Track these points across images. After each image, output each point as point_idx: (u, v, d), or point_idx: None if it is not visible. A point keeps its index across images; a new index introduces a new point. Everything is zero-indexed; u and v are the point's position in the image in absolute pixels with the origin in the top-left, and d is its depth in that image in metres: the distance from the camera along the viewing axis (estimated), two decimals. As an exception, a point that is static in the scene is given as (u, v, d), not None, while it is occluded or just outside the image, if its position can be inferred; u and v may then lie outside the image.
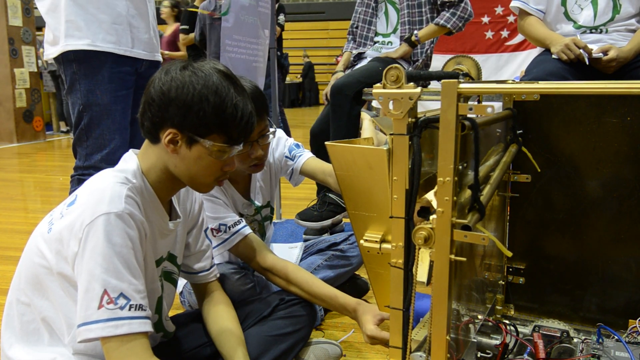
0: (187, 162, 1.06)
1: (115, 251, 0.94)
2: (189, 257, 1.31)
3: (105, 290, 0.92)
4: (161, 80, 1.05)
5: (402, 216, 0.88)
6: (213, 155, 1.06)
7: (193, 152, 1.05)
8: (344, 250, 1.89)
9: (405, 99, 0.84)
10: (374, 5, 2.71)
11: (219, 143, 1.05)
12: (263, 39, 2.81)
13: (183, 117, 1.02)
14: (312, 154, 1.79)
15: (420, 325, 1.25)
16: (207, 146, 1.04)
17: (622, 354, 1.15)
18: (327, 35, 13.87)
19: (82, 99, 1.79)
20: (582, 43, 2.10)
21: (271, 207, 1.82)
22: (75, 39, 1.75)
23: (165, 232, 1.14)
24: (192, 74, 1.04)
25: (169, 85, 1.03)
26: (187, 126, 1.03)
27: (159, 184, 1.10)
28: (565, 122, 1.32)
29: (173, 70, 1.05)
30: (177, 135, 1.04)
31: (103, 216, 0.95)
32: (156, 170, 1.10)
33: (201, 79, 1.03)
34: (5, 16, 6.82)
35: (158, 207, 1.10)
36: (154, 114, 1.04)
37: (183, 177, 1.09)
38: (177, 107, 1.02)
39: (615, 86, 0.81)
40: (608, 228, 1.32)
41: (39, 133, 7.51)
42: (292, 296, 1.42)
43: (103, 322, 0.91)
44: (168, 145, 1.04)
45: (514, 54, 4.91)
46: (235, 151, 1.10)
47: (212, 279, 1.35)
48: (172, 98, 1.02)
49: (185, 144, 1.05)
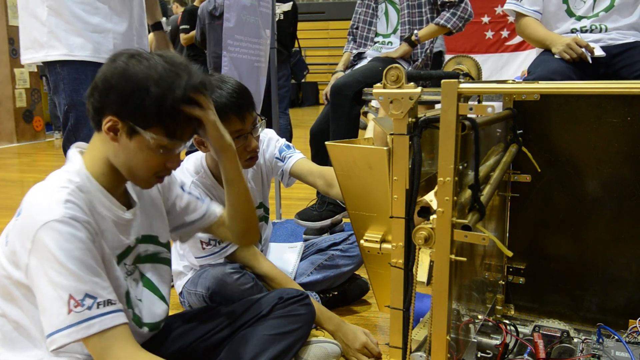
0: (127, 152, 1.04)
1: (69, 256, 0.94)
2: (177, 216, 1.31)
3: (70, 295, 0.92)
4: (107, 66, 1.03)
5: (402, 216, 0.89)
6: (153, 149, 1.03)
7: (133, 143, 1.03)
8: (344, 250, 1.89)
9: (406, 99, 0.84)
10: (374, 5, 2.71)
11: (160, 137, 1.02)
12: (264, 39, 2.81)
13: (122, 106, 1.00)
14: (302, 155, 1.78)
15: (420, 325, 1.25)
16: (147, 138, 1.01)
17: (622, 354, 1.15)
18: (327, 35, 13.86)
19: (67, 99, 1.79)
20: (584, 42, 2.10)
21: (265, 208, 1.82)
22: (54, 49, 1.77)
23: (123, 223, 1.13)
24: (137, 62, 1.01)
25: (113, 72, 1.01)
26: (127, 115, 1.01)
27: (104, 176, 1.09)
28: (565, 122, 1.32)
29: (120, 58, 1.03)
30: (117, 123, 1.02)
31: (46, 225, 0.94)
32: (100, 162, 1.08)
33: (145, 68, 1.00)
34: (5, 16, 6.82)
35: (109, 200, 1.09)
36: (96, 99, 1.03)
37: (122, 169, 1.07)
38: (117, 94, 1.00)
39: (615, 86, 0.81)
40: (608, 228, 1.32)
41: (39, 133, 7.52)
42: (291, 295, 1.42)
43: (75, 325, 0.92)
44: (108, 132, 1.03)
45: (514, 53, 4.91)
46: (180, 148, 1.07)
47: (212, 220, 1.34)
48: (113, 85, 1.00)
49: (125, 133, 1.02)
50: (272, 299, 1.40)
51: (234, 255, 1.59)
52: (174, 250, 1.70)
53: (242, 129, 1.48)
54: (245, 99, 1.48)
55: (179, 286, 1.70)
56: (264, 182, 1.80)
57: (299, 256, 1.94)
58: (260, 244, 1.84)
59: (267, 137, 1.78)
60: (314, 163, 1.79)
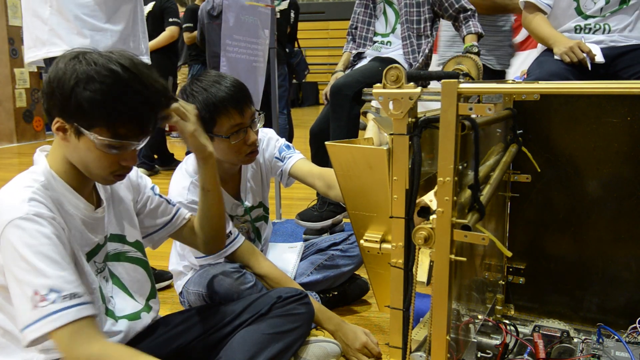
0: (79, 152, 1.05)
1: (33, 251, 0.94)
2: (146, 217, 1.32)
3: (34, 291, 0.93)
4: (52, 68, 1.03)
5: (402, 216, 0.88)
6: (102, 149, 1.03)
7: (82, 143, 1.03)
8: (344, 250, 1.89)
9: (405, 99, 0.84)
10: (372, 5, 2.71)
11: (105, 137, 1.02)
12: (263, 39, 2.81)
13: (64, 107, 1.01)
14: (302, 155, 1.78)
15: (420, 325, 1.25)
16: (92, 139, 1.02)
17: (622, 354, 1.15)
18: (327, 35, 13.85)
19: None
20: (587, 48, 2.10)
21: (265, 207, 1.82)
22: (55, 46, 1.81)
23: (91, 221, 1.13)
24: (77, 63, 1.01)
25: (55, 74, 1.01)
26: (69, 116, 1.01)
27: (68, 175, 1.09)
28: (565, 122, 1.32)
29: (62, 59, 1.03)
30: (63, 124, 1.03)
31: (10, 224, 0.95)
32: (62, 161, 1.09)
33: (84, 70, 1.00)
34: (5, 16, 6.82)
35: (76, 198, 1.10)
36: (45, 101, 1.04)
37: (79, 167, 1.08)
38: (58, 96, 1.01)
39: (615, 86, 0.81)
40: (608, 228, 1.32)
41: (39, 133, 7.51)
42: (290, 294, 1.42)
43: (40, 320, 0.93)
44: (57, 133, 1.04)
45: (514, 53, 4.90)
46: (132, 147, 1.06)
47: (181, 223, 1.36)
48: (54, 87, 1.01)
49: (73, 134, 1.03)
50: (271, 298, 1.39)
51: (233, 255, 1.59)
52: (174, 250, 1.70)
53: (242, 122, 1.49)
54: (243, 93, 1.50)
55: (178, 286, 1.70)
56: (263, 181, 1.80)
57: (299, 256, 1.94)
58: (260, 243, 1.84)
59: (267, 137, 1.78)
60: (313, 164, 1.78)
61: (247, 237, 1.70)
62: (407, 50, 2.60)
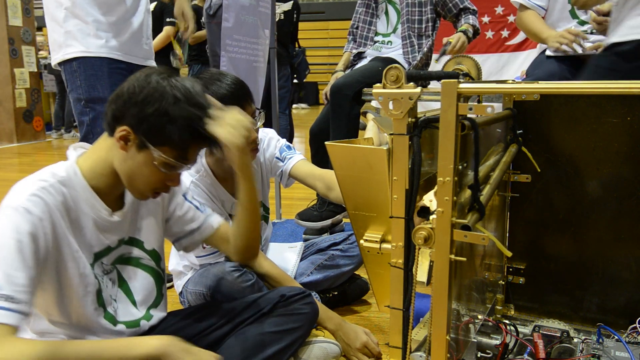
0: (132, 163, 1.07)
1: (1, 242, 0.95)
2: (175, 224, 1.32)
3: None
4: (138, 79, 1.05)
5: (402, 216, 0.88)
6: (159, 167, 1.06)
7: (140, 156, 1.06)
8: (344, 250, 1.89)
9: (405, 99, 0.84)
10: (374, 5, 2.72)
11: (169, 157, 1.05)
12: (263, 39, 2.81)
13: (140, 121, 1.03)
14: (303, 156, 1.78)
15: (420, 325, 1.25)
16: (155, 155, 1.05)
17: (622, 354, 1.15)
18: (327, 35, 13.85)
19: (85, 94, 1.85)
20: (576, 31, 2.11)
21: (265, 207, 1.82)
22: (71, 47, 1.84)
23: (104, 224, 1.14)
24: (169, 86, 1.04)
25: (142, 87, 1.04)
26: (142, 130, 1.04)
27: (101, 177, 1.10)
28: (565, 122, 1.32)
29: (154, 75, 1.06)
30: (130, 134, 1.05)
31: (2, 207, 0.98)
32: (102, 163, 1.10)
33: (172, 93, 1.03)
34: (5, 16, 6.82)
35: (92, 198, 1.10)
36: (118, 107, 1.05)
37: (123, 177, 1.10)
38: (139, 110, 1.03)
39: (615, 86, 0.81)
40: (608, 228, 1.32)
41: (39, 133, 7.51)
42: (293, 293, 1.42)
43: None
44: (119, 140, 1.05)
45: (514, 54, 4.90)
46: (183, 169, 1.10)
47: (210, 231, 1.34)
48: (138, 101, 1.03)
49: (136, 145, 1.05)
50: (274, 296, 1.39)
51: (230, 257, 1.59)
52: (174, 250, 1.70)
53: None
54: (244, 90, 1.51)
55: (178, 286, 1.70)
56: (263, 181, 1.80)
57: (299, 256, 1.94)
58: (260, 244, 1.84)
59: (268, 137, 1.78)
60: (314, 165, 1.78)
61: (247, 237, 1.70)
62: (407, 49, 2.61)
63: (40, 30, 8.38)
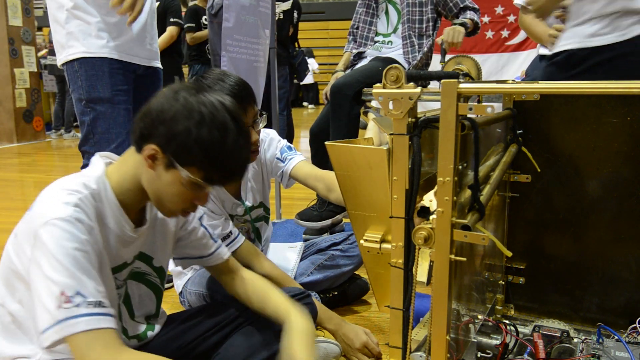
0: (160, 182, 1.05)
1: (66, 254, 0.94)
2: (187, 246, 1.32)
3: (62, 291, 0.92)
4: (167, 97, 1.02)
5: (402, 216, 0.88)
6: (186, 187, 1.04)
7: (168, 176, 1.03)
8: (344, 250, 1.89)
9: (405, 99, 0.84)
10: (374, 5, 2.72)
11: (196, 177, 1.02)
12: (264, 39, 2.81)
13: (168, 141, 1.01)
14: (304, 157, 1.78)
15: (420, 325, 1.25)
16: (183, 175, 1.02)
17: (622, 354, 1.15)
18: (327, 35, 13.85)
19: (85, 95, 1.84)
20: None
21: (265, 207, 1.82)
22: (73, 48, 1.84)
23: (127, 240, 1.13)
24: (198, 104, 1.01)
25: (170, 105, 1.01)
26: (170, 150, 1.01)
27: (128, 192, 1.09)
28: (565, 122, 1.32)
29: (183, 91, 1.03)
30: (158, 153, 1.02)
31: (50, 222, 0.95)
32: (130, 178, 1.09)
33: (200, 112, 1.00)
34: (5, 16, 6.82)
35: (119, 214, 1.09)
36: (146, 126, 1.03)
37: (151, 195, 1.08)
38: (168, 129, 1.00)
39: (615, 86, 0.81)
40: (608, 228, 1.32)
41: (39, 133, 7.51)
42: (293, 293, 1.42)
43: (61, 322, 0.91)
44: (147, 159, 1.03)
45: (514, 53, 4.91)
46: (211, 190, 1.08)
47: (216, 262, 1.35)
48: (166, 119, 1.00)
49: (164, 165, 1.03)
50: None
51: (234, 255, 1.59)
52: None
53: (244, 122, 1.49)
54: (247, 92, 1.50)
55: (178, 286, 1.70)
56: (264, 181, 1.80)
57: (299, 256, 1.94)
58: (260, 244, 1.84)
59: (269, 138, 1.78)
60: (314, 166, 1.78)
61: (247, 237, 1.70)
62: (407, 49, 2.61)
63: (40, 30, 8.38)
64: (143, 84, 2.00)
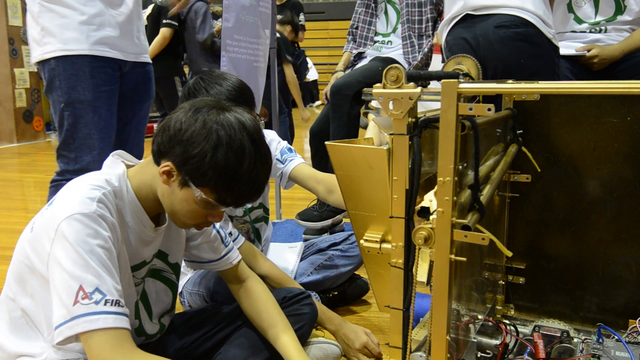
0: (174, 198, 1.05)
1: (88, 249, 0.93)
2: (196, 247, 1.31)
3: (80, 286, 0.91)
4: (186, 115, 1.01)
5: (402, 216, 0.88)
6: (200, 205, 1.04)
7: (182, 193, 1.03)
8: (344, 250, 1.89)
9: (405, 99, 0.84)
10: (373, 5, 2.72)
11: (209, 198, 1.02)
12: (264, 39, 2.81)
13: (184, 161, 1.00)
14: (303, 159, 1.78)
15: (420, 325, 1.25)
16: (196, 195, 1.02)
17: (622, 354, 1.15)
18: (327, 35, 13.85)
19: (64, 97, 1.69)
20: None
21: (265, 208, 1.82)
22: (49, 45, 1.67)
23: (146, 239, 1.13)
24: (217, 125, 0.99)
25: (189, 125, 0.99)
26: (185, 170, 1.01)
27: (145, 199, 1.10)
28: (565, 122, 1.32)
29: (204, 109, 1.01)
30: (173, 170, 1.02)
31: (74, 216, 0.94)
32: (147, 187, 1.09)
33: (217, 133, 0.98)
34: (5, 16, 6.82)
35: (139, 214, 1.10)
36: (164, 142, 1.02)
37: (166, 207, 1.09)
38: (184, 149, 0.99)
39: (615, 86, 0.81)
40: (608, 228, 1.32)
41: (39, 133, 7.51)
42: (293, 294, 1.43)
43: (78, 318, 0.90)
44: (162, 175, 1.03)
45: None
46: (223, 209, 1.08)
47: (226, 266, 1.34)
48: (183, 140, 0.99)
49: (178, 182, 1.02)
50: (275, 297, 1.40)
51: None
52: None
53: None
54: (245, 95, 1.49)
55: (179, 286, 1.70)
56: None
57: (299, 256, 1.94)
58: (260, 244, 1.84)
59: (269, 139, 1.78)
60: (314, 168, 1.78)
61: (247, 238, 1.70)
62: (407, 49, 2.61)
63: (40, 30, 8.36)
64: (130, 81, 1.83)
